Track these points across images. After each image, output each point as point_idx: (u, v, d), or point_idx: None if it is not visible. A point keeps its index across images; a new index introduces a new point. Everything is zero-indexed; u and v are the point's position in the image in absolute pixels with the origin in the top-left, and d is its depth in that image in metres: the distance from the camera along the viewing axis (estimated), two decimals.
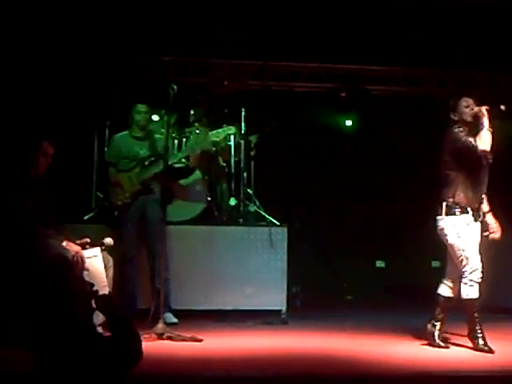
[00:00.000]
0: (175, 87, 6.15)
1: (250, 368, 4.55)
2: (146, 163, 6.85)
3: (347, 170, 9.64)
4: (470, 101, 5.48)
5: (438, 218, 5.47)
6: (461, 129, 5.43)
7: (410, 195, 9.52)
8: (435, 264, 9.52)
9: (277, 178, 9.09)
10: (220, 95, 8.57)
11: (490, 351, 5.23)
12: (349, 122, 9.91)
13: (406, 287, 9.34)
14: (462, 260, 5.36)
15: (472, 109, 5.41)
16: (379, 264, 9.89)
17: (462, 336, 5.58)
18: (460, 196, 5.39)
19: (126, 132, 7.10)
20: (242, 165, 8.07)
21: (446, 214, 5.41)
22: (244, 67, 9.44)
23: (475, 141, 5.31)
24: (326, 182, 9.60)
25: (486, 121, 5.33)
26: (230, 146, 7.97)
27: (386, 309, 7.90)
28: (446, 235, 5.44)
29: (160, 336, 5.58)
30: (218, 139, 7.49)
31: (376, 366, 4.75)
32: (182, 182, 7.38)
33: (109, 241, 5.88)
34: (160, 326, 5.67)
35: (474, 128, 5.40)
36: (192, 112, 7.96)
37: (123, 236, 6.70)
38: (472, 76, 9.82)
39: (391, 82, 9.77)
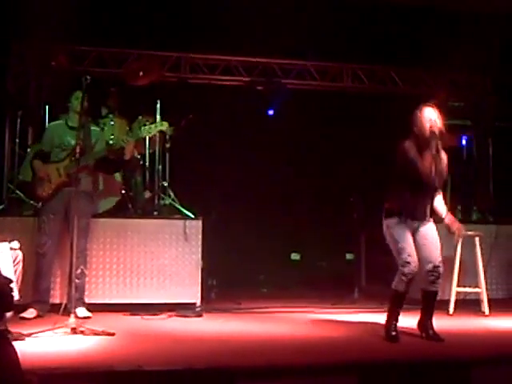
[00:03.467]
0: (89, 77, 6.04)
1: (162, 361, 4.52)
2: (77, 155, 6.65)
3: (264, 163, 9.69)
4: (431, 117, 5.54)
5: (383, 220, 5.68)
6: (414, 143, 5.54)
7: (324, 189, 9.66)
8: (349, 256, 9.73)
9: (192, 171, 9.06)
10: (136, 86, 8.48)
11: (393, 339, 5.46)
12: (270, 112, 9.92)
13: (320, 279, 9.49)
14: (396, 255, 5.56)
15: (431, 126, 5.49)
16: (294, 257, 10.00)
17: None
18: (396, 202, 5.60)
19: (61, 121, 6.91)
20: (157, 157, 8.03)
21: (384, 217, 5.64)
22: (161, 59, 9.36)
23: (421, 161, 5.44)
24: (242, 174, 9.62)
25: (434, 143, 5.45)
26: (144, 138, 7.89)
27: (302, 301, 7.99)
28: (385, 235, 5.67)
29: (72, 330, 5.49)
30: (150, 135, 7.38)
31: (289, 356, 4.82)
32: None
33: (14, 245, 5.75)
34: (72, 319, 5.58)
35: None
36: (106, 103, 7.86)
37: (41, 228, 6.57)
38: (387, 72, 10.03)
39: (307, 76, 9.88)
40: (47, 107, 8.20)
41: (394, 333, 5.53)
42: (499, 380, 4.70)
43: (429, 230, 5.63)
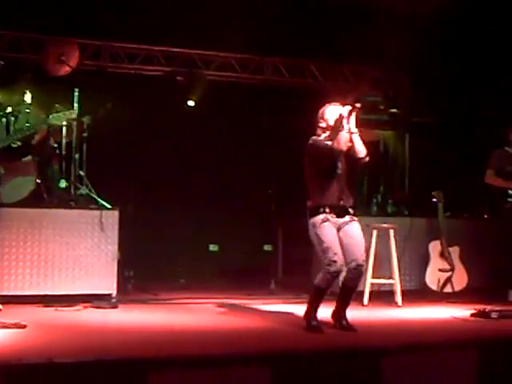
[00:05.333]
0: (2, 62, 5.89)
1: (74, 353, 4.45)
2: None
3: (183, 153, 9.64)
4: (335, 107, 5.71)
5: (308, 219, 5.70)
6: (321, 135, 5.69)
7: (243, 181, 9.69)
8: (267, 248, 9.78)
9: (110, 161, 8.93)
10: (53, 74, 8.30)
11: (314, 329, 5.53)
12: (190, 103, 9.86)
13: (238, 271, 9.52)
14: (321, 254, 5.57)
15: (339, 116, 5.60)
16: (212, 248, 10.00)
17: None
18: (317, 199, 5.63)
19: None
20: (73, 146, 7.88)
21: (309, 216, 5.66)
22: (80, 46, 9.17)
23: (333, 143, 5.53)
24: (160, 165, 9.55)
25: (345, 122, 5.54)
26: (61, 126, 7.73)
27: (219, 292, 8.01)
28: (310, 235, 5.66)
29: None
30: (58, 123, 7.22)
31: (203, 346, 4.82)
32: None
33: None
34: None
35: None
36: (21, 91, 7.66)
37: None
38: (307, 66, 10.13)
39: (228, 67, 9.88)
40: None
41: (314, 323, 5.61)
42: (409, 368, 4.81)
43: (353, 228, 5.68)
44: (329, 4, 9.11)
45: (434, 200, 8.22)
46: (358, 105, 5.56)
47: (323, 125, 5.76)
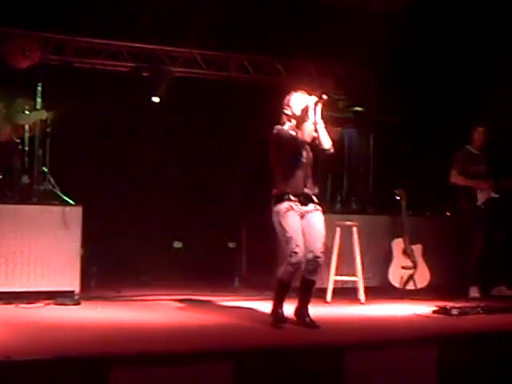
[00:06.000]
0: None
1: (33, 351, 4.40)
2: None
3: (147, 150, 9.60)
4: (302, 95, 5.73)
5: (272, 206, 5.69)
6: (286, 124, 5.71)
7: (207, 177, 9.68)
8: (232, 245, 9.79)
9: (74, 157, 8.85)
10: (15, 68, 8.21)
11: (280, 326, 5.54)
12: (155, 99, 9.80)
13: (202, 268, 9.50)
14: (283, 244, 5.58)
15: (305, 107, 5.64)
16: (176, 245, 9.96)
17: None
18: (281, 186, 5.63)
19: None
20: (36, 142, 7.80)
21: (273, 204, 5.66)
22: (43, 40, 9.07)
23: (298, 133, 5.56)
24: (125, 161, 9.49)
25: (311, 113, 5.58)
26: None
27: (182, 289, 7.99)
28: (274, 223, 5.65)
29: None
30: (29, 123, 7.12)
31: (166, 343, 4.80)
32: None
33: None
34: None
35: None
36: None
37: None
38: (272, 63, 10.14)
39: (193, 64, 9.85)
40: None
41: (280, 319, 5.61)
42: (371, 364, 4.85)
43: (315, 218, 5.70)
44: (295, 2, 9.13)
45: (397, 198, 8.29)
46: (324, 96, 5.59)
47: (288, 112, 5.77)
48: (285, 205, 5.59)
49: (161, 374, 4.24)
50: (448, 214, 9.01)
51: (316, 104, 5.59)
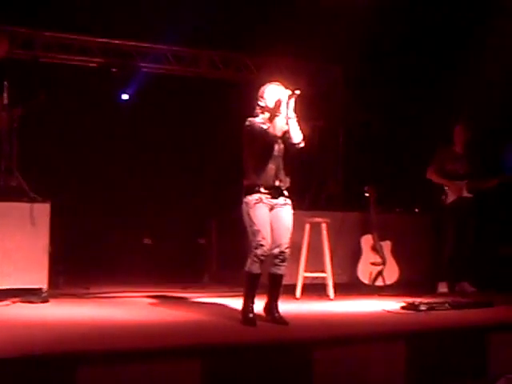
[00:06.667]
0: None
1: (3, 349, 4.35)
2: None
3: (116, 147, 9.55)
4: (276, 88, 5.70)
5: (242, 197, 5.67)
6: (259, 116, 5.69)
7: (177, 174, 9.66)
8: (201, 241, 9.78)
9: (42, 153, 8.77)
10: None
11: (250, 322, 5.53)
12: (124, 97, 9.75)
13: (172, 264, 9.48)
14: (250, 235, 5.57)
15: (278, 99, 5.62)
16: (146, 241, 9.94)
17: None
18: (253, 178, 5.61)
19: None
20: (3, 137, 7.69)
21: (243, 195, 5.64)
22: (10, 34, 8.95)
23: (269, 127, 5.55)
24: (94, 158, 9.43)
25: (284, 106, 5.57)
26: None
27: (151, 285, 7.97)
28: (242, 214, 5.64)
29: None
30: None
31: (133, 340, 4.78)
32: None
33: None
34: None
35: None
36: None
37: None
38: (242, 59, 10.13)
39: (163, 60, 9.80)
40: None
41: (251, 315, 5.59)
42: (340, 360, 4.86)
43: (284, 213, 5.69)
44: None
45: (367, 194, 8.33)
46: (297, 91, 5.59)
47: (262, 104, 5.75)
48: (254, 196, 5.59)
49: (127, 371, 4.20)
50: (416, 210, 9.08)
51: (289, 98, 5.60)
